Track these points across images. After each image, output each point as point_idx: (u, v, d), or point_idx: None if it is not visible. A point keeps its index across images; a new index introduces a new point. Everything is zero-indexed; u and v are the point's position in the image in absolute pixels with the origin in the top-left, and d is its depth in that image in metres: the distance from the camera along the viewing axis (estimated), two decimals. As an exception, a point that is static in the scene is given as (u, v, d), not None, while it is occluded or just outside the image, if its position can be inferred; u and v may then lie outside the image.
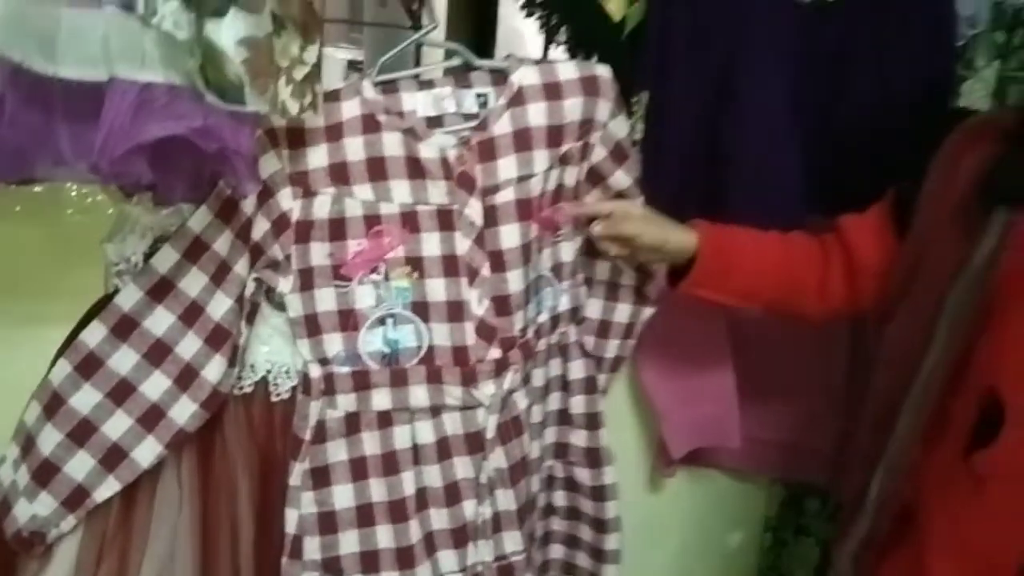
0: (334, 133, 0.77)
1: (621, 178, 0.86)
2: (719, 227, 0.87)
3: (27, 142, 0.57)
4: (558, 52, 0.88)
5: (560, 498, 0.97)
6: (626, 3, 0.87)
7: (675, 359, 1.04)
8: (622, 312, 0.94)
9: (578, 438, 0.94)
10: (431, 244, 0.79)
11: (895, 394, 0.78)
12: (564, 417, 0.93)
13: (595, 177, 0.86)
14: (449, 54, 0.84)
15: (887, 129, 0.96)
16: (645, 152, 0.93)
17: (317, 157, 0.77)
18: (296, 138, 0.76)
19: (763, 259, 0.87)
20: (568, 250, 0.87)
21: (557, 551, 1.00)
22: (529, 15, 0.84)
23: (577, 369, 0.92)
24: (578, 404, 0.92)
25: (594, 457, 0.93)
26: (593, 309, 0.93)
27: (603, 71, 0.82)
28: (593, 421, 0.93)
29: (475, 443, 0.82)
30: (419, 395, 0.81)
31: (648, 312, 0.95)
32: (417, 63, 0.87)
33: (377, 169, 0.78)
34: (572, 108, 0.81)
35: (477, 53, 0.90)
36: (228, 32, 0.64)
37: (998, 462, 0.72)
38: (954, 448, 0.75)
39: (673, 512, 1.25)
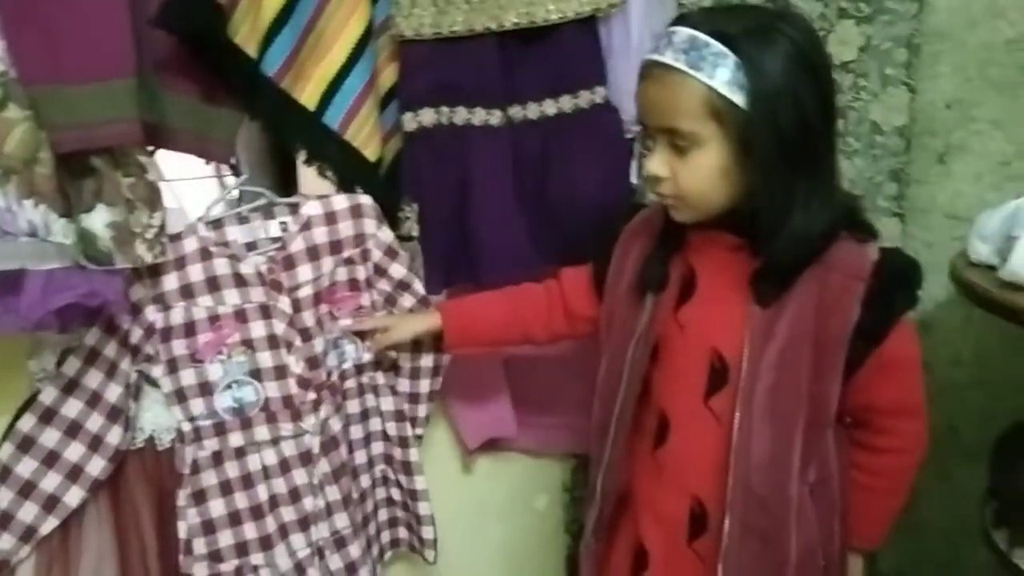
0: (180, 263, 1.11)
1: (397, 269, 1.23)
2: (458, 303, 1.22)
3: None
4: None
5: (396, 494, 1.33)
6: (378, 150, 1.22)
7: (458, 373, 1.35)
8: (427, 359, 1.29)
9: (396, 453, 1.29)
10: (258, 329, 1.15)
11: (606, 416, 1.07)
12: (385, 436, 1.29)
13: (380, 271, 1.22)
14: (259, 195, 1.20)
15: (583, 205, 1.36)
16: (422, 244, 1.27)
17: (170, 281, 1.11)
18: (154, 271, 1.10)
19: (494, 317, 1.21)
20: (370, 323, 1.22)
21: (403, 533, 1.36)
22: (309, 165, 1.21)
23: (387, 404, 1.28)
24: (391, 428, 1.28)
25: (407, 468, 1.29)
26: (404, 359, 1.27)
27: (365, 199, 1.20)
28: (404, 442, 1.28)
29: (306, 458, 1.18)
30: (263, 432, 1.16)
31: (448, 356, 1.29)
32: (240, 202, 1.22)
33: (213, 284, 1.13)
34: (345, 228, 1.19)
35: (284, 187, 1.27)
36: (97, 220, 0.99)
37: (668, 455, 1.04)
38: (646, 447, 1.06)
39: (489, 487, 1.57)
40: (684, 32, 0.90)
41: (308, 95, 1.16)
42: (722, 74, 0.88)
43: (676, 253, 1.03)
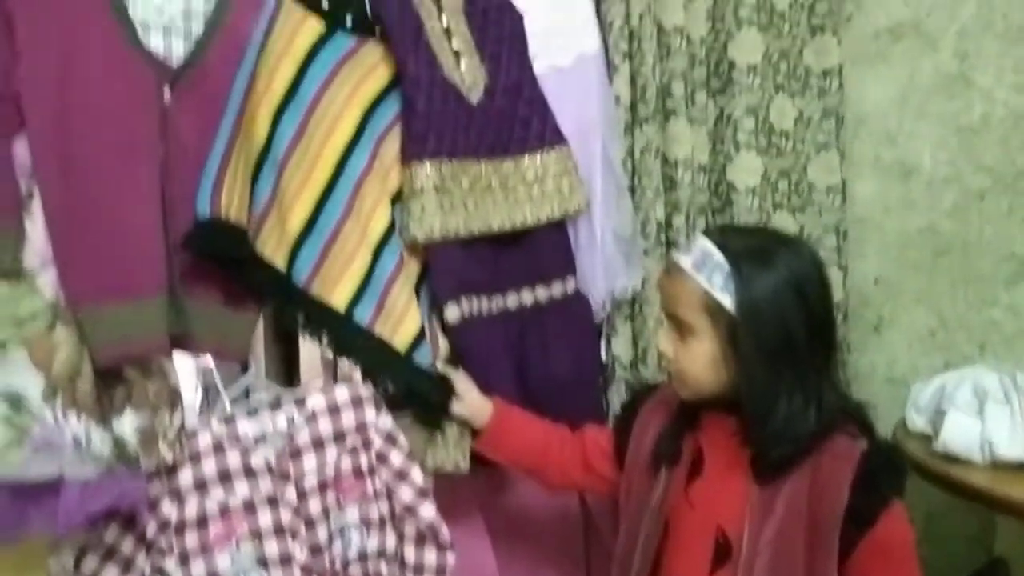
0: (195, 458, 1.19)
1: (396, 456, 1.30)
2: (510, 413, 1.31)
3: (11, 524, 0.98)
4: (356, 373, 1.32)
5: None
6: (406, 338, 1.30)
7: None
8: (430, 555, 1.32)
9: None
10: (265, 519, 1.21)
11: None
12: None
13: (381, 458, 1.29)
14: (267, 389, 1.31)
15: (559, 384, 1.50)
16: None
17: (185, 476, 1.18)
18: (171, 468, 1.19)
19: (527, 442, 1.30)
20: (374, 511, 1.29)
21: None
22: (339, 357, 1.30)
23: None
24: None
25: None
26: (409, 554, 1.30)
27: (365, 390, 1.30)
28: None
29: (307, 639, 1.23)
30: (268, 615, 1.22)
31: (452, 556, 1.32)
32: (247, 396, 1.33)
33: (225, 477, 1.21)
34: (348, 418, 1.29)
35: (287, 376, 1.38)
36: (127, 424, 1.08)
37: None
38: None
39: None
40: (701, 241, 1.08)
41: (338, 297, 1.26)
42: (717, 280, 1.05)
43: (689, 431, 1.14)
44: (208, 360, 1.30)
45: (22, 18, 1.03)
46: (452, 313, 1.35)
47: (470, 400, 1.32)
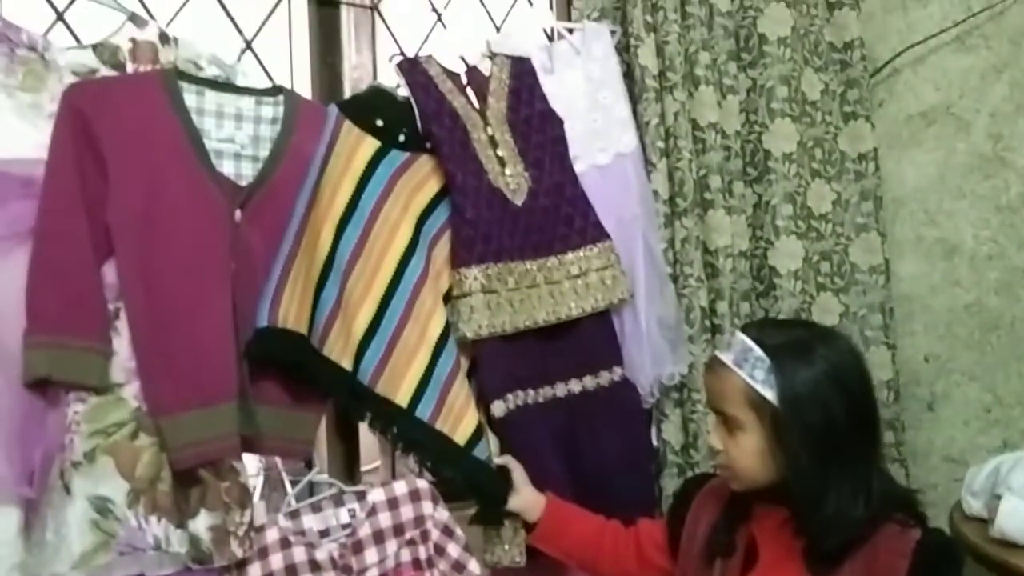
0: (263, 553, 1.25)
1: (453, 548, 1.34)
2: (561, 508, 1.35)
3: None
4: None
5: None
6: (467, 431, 1.35)
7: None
8: None
9: None
10: (329, 612, 1.28)
11: None
12: None
13: (439, 550, 1.35)
14: (329, 485, 1.37)
15: (610, 472, 1.53)
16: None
17: (254, 571, 1.23)
18: (240, 562, 1.25)
19: (581, 535, 1.33)
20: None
21: None
22: (406, 455, 1.35)
23: None
24: None
25: None
26: None
27: (422, 484, 1.36)
28: None
29: None
30: None
31: None
32: (311, 493, 1.39)
33: (292, 572, 1.26)
34: (406, 511, 1.34)
35: (348, 471, 1.45)
36: (202, 523, 1.16)
37: None
38: None
39: None
40: (740, 337, 1.13)
41: (403, 394, 1.33)
42: (758, 374, 1.09)
43: (742, 523, 1.18)
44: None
45: (112, 156, 1.15)
46: (498, 408, 1.41)
47: (525, 494, 1.36)
